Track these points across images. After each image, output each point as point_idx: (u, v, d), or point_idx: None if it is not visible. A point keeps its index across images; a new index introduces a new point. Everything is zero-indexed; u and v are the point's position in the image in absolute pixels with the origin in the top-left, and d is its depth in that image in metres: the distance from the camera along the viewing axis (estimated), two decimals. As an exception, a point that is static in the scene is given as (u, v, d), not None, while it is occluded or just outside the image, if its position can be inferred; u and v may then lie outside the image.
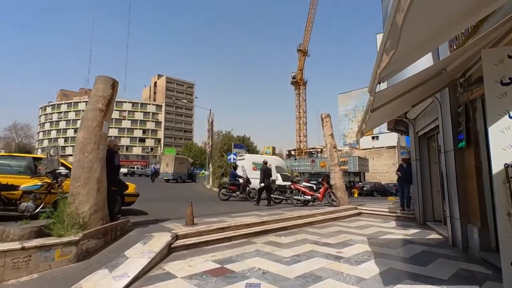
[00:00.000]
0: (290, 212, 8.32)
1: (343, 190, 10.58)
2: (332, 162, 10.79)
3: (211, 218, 6.92)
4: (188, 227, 5.74)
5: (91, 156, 4.81)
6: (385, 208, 9.95)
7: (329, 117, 11.20)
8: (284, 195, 11.14)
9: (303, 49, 60.19)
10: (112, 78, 5.41)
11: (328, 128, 11.05)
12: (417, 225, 7.56)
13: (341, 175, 10.80)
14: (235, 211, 8.43)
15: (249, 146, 56.96)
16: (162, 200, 11.29)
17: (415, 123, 7.85)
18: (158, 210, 8.23)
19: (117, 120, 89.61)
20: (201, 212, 8.10)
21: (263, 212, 8.26)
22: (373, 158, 38.18)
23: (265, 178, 9.96)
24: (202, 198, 13.21)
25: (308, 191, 9.95)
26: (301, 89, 66.38)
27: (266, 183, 9.99)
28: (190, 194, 15.77)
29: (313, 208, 9.39)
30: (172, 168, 25.89)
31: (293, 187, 10.39)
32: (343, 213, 9.02)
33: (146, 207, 8.62)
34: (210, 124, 22.77)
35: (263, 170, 10.19)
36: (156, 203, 9.98)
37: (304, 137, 64.98)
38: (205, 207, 9.46)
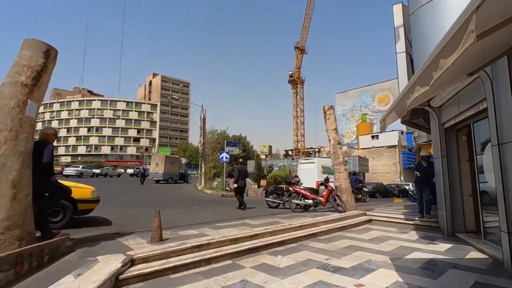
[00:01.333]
0: (289, 220, 6.89)
1: (349, 192, 9.18)
2: (336, 160, 9.38)
3: (188, 230, 5.47)
4: (152, 246, 4.30)
5: (4, 149, 3.35)
6: (399, 214, 8.56)
7: (333, 109, 9.81)
8: (281, 198, 9.72)
9: (300, 47, 58.94)
10: (47, 44, 3.96)
11: (332, 122, 9.65)
12: (444, 237, 6.16)
13: (347, 175, 9.40)
14: (222, 219, 6.99)
15: (245, 145, 55.49)
16: (141, 205, 9.82)
17: (440, 113, 6.46)
18: (129, 219, 6.77)
19: (111, 120, 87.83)
20: (180, 220, 6.67)
21: (255, 220, 6.82)
22: (373, 158, 36.90)
23: (240, 179, 9.30)
24: (189, 202, 11.78)
25: (309, 194, 8.53)
26: (299, 88, 65.22)
27: (240, 183, 9.29)
28: (177, 197, 14.30)
29: (316, 215, 7.97)
30: (162, 168, 24.34)
31: (292, 190, 8.97)
32: (351, 221, 7.61)
33: (115, 215, 7.16)
34: (202, 121, 21.30)
35: (239, 170, 9.46)
36: (130, 209, 8.53)
37: (302, 136, 63.77)
38: (187, 213, 8.00)
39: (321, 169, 15.22)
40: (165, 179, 24.79)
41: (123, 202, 10.28)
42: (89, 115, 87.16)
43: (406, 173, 37.22)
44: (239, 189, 9.48)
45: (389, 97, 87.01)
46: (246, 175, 10.06)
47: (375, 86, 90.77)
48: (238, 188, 9.47)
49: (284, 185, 14.51)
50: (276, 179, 17.69)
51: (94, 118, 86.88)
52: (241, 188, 9.56)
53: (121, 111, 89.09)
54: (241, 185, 9.48)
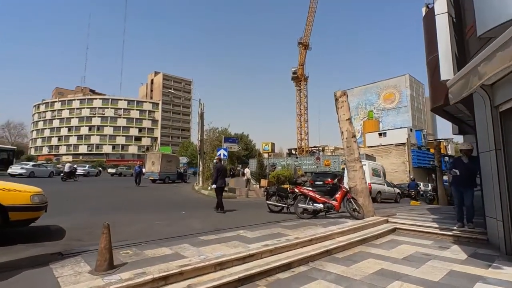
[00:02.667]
0: (295, 230, 5.43)
1: (366, 195, 7.69)
2: (351, 156, 7.89)
3: (161, 249, 4.03)
4: (92, 279, 2.86)
5: None
6: (429, 221, 7.05)
7: (346, 96, 8.31)
8: (285, 201, 8.24)
9: (304, 42, 57.24)
10: None
11: (345, 111, 8.15)
12: (501, 255, 4.66)
13: (363, 174, 7.91)
14: (211, 229, 5.56)
15: (247, 144, 54.22)
16: (119, 209, 8.38)
17: (493, 92, 4.94)
18: (90, 229, 5.34)
19: (113, 119, 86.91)
20: (157, 232, 5.25)
21: (253, 231, 5.36)
22: (381, 157, 35.19)
23: (219, 178, 8.60)
24: (179, 205, 10.36)
25: (319, 197, 7.04)
26: (302, 85, 63.52)
27: (219, 183, 8.62)
28: (168, 198, 12.87)
29: (328, 223, 6.49)
30: (158, 167, 22.91)
31: (298, 191, 7.48)
32: (373, 231, 6.12)
33: (78, 223, 5.82)
34: (200, 116, 19.88)
35: (217, 169, 8.75)
36: (103, 215, 7.12)
37: (306, 135, 62.07)
38: (169, 221, 6.56)
39: (371, 171, 14.77)
40: (161, 179, 23.41)
41: (99, 206, 8.88)
42: (90, 114, 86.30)
43: (416, 172, 35.51)
44: (218, 190, 8.65)
45: (395, 95, 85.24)
46: (225, 175, 9.29)
47: (380, 83, 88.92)
48: (217, 188, 8.62)
49: (288, 186, 13.07)
50: (279, 178, 16.21)
51: (95, 117, 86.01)
52: (220, 189, 8.76)
53: (122, 109, 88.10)
54: (220, 185, 8.71)
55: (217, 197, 8.65)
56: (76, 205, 8.83)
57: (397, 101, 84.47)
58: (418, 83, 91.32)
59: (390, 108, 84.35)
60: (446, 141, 47.26)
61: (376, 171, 15.55)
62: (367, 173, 14.43)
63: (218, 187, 8.63)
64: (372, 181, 14.44)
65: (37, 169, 24.90)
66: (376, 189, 14.55)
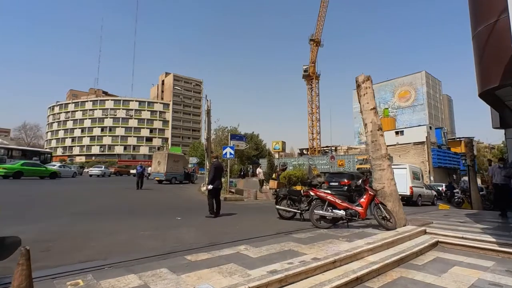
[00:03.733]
0: (311, 247, 4.20)
1: (396, 199, 6.37)
2: (377, 152, 6.58)
3: (125, 277, 2.89)
4: None
5: None
6: (479, 233, 5.66)
7: (370, 81, 7.00)
8: (297, 206, 7.00)
9: (315, 39, 55.57)
10: None
11: (369, 98, 6.85)
12: None
13: (392, 174, 6.58)
14: (205, 243, 4.40)
15: (257, 144, 52.92)
16: (105, 215, 7.32)
17: None
18: (57, 243, 4.30)
19: (124, 120, 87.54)
20: (135, 246, 4.15)
21: (257, 247, 4.17)
22: (399, 156, 33.28)
23: (216, 178, 7.55)
24: (177, 209, 9.25)
25: (341, 202, 5.77)
26: (314, 83, 61.82)
27: (216, 184, 7.54)
28: (168, 201, 11.81)
29: (352, 234, 5.23)
30: (164, 167, 22.00)
31: (314, 195, 6.23)
32: (410, 246, 4.82)
33: (49, 231, 4.77)
34: (207, 113, 18.83)
35: (215, 167, 7.62)
36: (80, 222, 6.09)
37: (318, 134, 60.30)
38: (158, 231, 5.43)
39: (411, 175, 14.59)
40: (168, 179, 22.51)
41: (86, 210, 7.85)
42: (103, 115, 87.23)
43: (436, 172, 33.43)
44: (214, 192, 7.54)
45: (410, 92, 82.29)
46: (221, 175, 8.14)
47: (395, 81, 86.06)
48: (214, 190, 7.51)
49: (301, 188, 11.82)
50: (290, 179, 14.92)
51: (108, 118, 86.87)
52: (217, 190, 7.67)
53: (133, 110, 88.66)
54: (217, 186, 7.61)
55: (210, 200, 7.46)
56: (62, 209, 7.88)
57: (412, 99, 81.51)
58: (435, 80, 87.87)
59: (405, 106, 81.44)
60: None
61: (416, 174, 15.30)
62: (408, 177, 14.53)
63: (216, 188, 7.50)
64: (414, 185, 14.34)
65: (63, 170, 26.04)
66: (417, 193, 14.48)
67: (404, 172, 14.54)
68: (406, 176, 14.34)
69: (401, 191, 12.28)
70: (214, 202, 7.49)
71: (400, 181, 13.79)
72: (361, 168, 29.82)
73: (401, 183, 12.98)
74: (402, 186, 13.48)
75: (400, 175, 14.36)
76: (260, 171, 18.56)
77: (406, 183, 14.12)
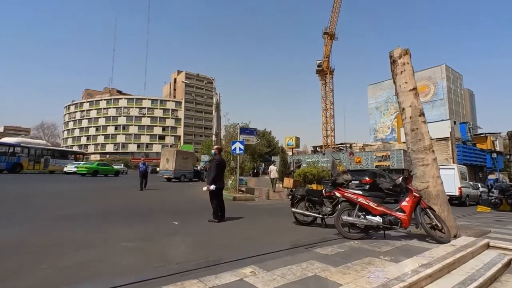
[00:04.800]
0: (344, 272, 2.99)
1: (444, 201, 5.06)
2: (418, 144, 5.28)
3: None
4: None
5: None
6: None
7: (409, 55, 5.67)
8: (318, 209, 5.77)
9: (330, 32, 53.63)
10: None
11: (407, 77, 5.54)
12: None
13: (438, 171, 5.26)
14: (201, 264, 3.27)
15: (270, 141, 51.73)
16: (89, 219, 6.32)
17: None
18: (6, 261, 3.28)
19: (137, 118, 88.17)
20: (106, 266, 3.05)
21: (267, 269, 3.00)
22: (421, 152, 31.31)
23: (218, 177, 6.31)
24: (178, 210, 8.14)
25: (376, 206, 4.51)
26: (328, 78, 59.94)
27: (219, 184, 6.33)
28: (170, 202, 10.78)
29: (394, 248, 3.98)
30: (173, 164, 21.16)
31: (340, 196, 4.99)
32: (478, 269, 3.53)
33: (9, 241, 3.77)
34: (216, 107, 17.80)
35: (217, 163, 6.34)
36: (60, 229, 5.10)
37: (332, 131, 58.46)
38: (144, 240, 4.33)
39: (460, 175, 14.46)
40: (176, 177, 21.66)
41: (69, 212, 6.85)
42: (116, 114, 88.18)
43: (461, 170, 31.19)
44: (217, 193, 6.31)
45: (429, 87, 78.80)
46: (222, 172, 6.86)
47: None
48: (216, 190, 6.29)
49: (317, 187, 10.55)
50: (306, 176, 13.65)
51: (121, 116, 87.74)
52: (219, 191, 6.42)
53: (146, 109, 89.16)
54: (220, 186, 6.43)
55: (212, 202, 6.29)
56: (49, 209, 6.97)
57: (431, 94, 78.03)
58: (456, 73, 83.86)
59: (424, 101, 77.38)
60: (493, 136, 42.01)
61: (463, 174, 15.20)
62: (456, 177, 14.30)
63: (218, 188, 6.33)
64: (462, 185, 14.27)
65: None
66: (465, 193, 14.47)
67: (453, 173, 14.53)
68: (454, 177, 14.29)
69: (450, 191, 12.41)
70: (222, 203, 6.38)
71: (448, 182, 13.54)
72: (380, 165, 28.12)
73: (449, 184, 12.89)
74: (451, 186, 13.42)
75: (448, 175, 14.62)
76: (273, 168, 17.30)
77: (454, 184, 14.06)
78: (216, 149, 6.79)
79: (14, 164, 23.39)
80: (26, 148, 25.39)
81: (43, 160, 26.28)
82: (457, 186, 14.12)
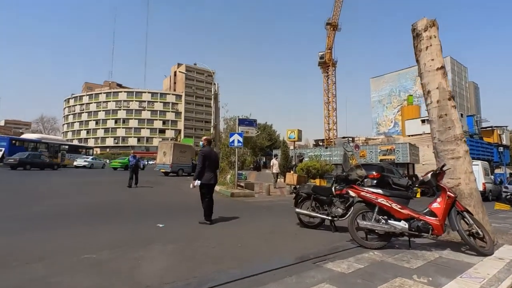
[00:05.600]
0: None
1: (479, 202, 4.23)
2: (447, 133, 4.43)
3: None
4: None
5: None
6: None
7: (436, 28, 4.75)
8: (326, 209, 4.93)
9: (333, 23, 52.15)
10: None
11: (434, 53, 4.64)
12: None
13: (470, 166, 4.41)
14: (184, 280, 2.44)
15: (271, 134, 50.75)
16: (58, 219, 5.52)
17: None
18: None
19: (137, 111, 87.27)
20: None
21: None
22: (427, 146, 30.26)
23: (208, 170, 5.38)
24: (168, 209, 7.32)
25: (400, 208, 3.64)
26: (330, 71, 58.60)
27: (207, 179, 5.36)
28: (162, 199, 9.99)
29: (426, 263, 3.15)
30: (170, 158, 20.35)
31: (355, 195, 4.14)
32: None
33: None
34: (214, 98, 16.90)
35: (203, 156, 5.38)
36: (15, 235, 4.30)
37: (334, 124, 57.39)
38: (114, 251, 3.49)
39: (483, 171, 14.62)
40: (174, 171, 20.88)
41: (41, 211, 6.08)
42: (116, 107, 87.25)
43: (467, 164, 30.24)
44: (206, 189, 5.42)
45: (434, 80, 77.26)
46: (216, 166, 5.98)
47: (416, 67, 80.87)
48: (205, 187, 5.39)
49: (325, 182, 9.72)
50: (309, 171, 12.81)
51: (121, 110, 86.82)
52: (209, 187, 5.48)
53: (146, 102, 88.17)
54: (207, 181, 5.38)
55: (203, 201, 5.46)
56: (17, 208, 6.17)
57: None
58: (461, 66, 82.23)
59: (428, 95, 76.57)
60: (500, 129, 40.94)
61: (486, 170, 15.24)
62: (480, 173, 14.16)
63: (205, 184, 5.39)
64: (486, 181, 14.31)
65: (95, 162, 29.41)
66: (489, 189, 14.50)
67: (477, 169, 14.45)
68: (479, 173, 14.16)
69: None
70: (211, 202, 5.55)
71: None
72: (385, 159, 27.24)
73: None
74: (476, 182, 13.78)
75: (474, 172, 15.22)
76: (275, 163, 16.34)
77: (479, 180, 13.99)
78: (204, 140, 5.94)
79: None
80: (46, 143, 27.72)
81: (60, 154, 28.56)
82: (481, 182, 13.99)
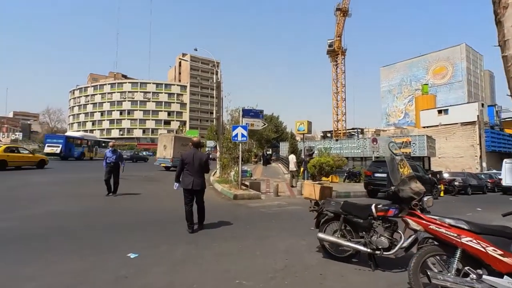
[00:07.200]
0: None
1: None
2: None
3: None
4: None
5: None
6: None
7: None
8: (361, 236, 3.50)
9: (343, 8, 49.62)
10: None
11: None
12: None
13: None
14: None
15: (277, 126, 49.21)
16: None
17: None
18: None
19: (142, 102, 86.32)
20: None
21: None
22: (446, 138, 28.48)
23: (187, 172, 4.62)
24: (152, 223, 5.84)
25: (502, 256, 2.22)
26: (339, 59, 56.30)
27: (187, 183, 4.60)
28: (151, 204, 8.72)
29: None
30: (171, 151, 19.11)
31: (420, 227, 2.59)
32: None
33: None
34: (216, 86, 15.45)
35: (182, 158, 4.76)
36: None
37: (343, 115, 55.46)
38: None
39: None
40: (175, 166, 19.63)
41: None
42: (121, 98, 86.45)
43: (487, 157, 28.42)
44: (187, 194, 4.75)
45: (447, 68, 74.03)
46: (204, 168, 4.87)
47: (429, 56, 77.71)
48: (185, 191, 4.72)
49: (337, 178, 8.29)
50: (322, 168, 11.32)
51: (126, 101, 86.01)
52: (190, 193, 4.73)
53: (151, 93, 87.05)
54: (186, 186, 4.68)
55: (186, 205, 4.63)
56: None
57: (449, 76, 73.26)
58: (476, 53, 78.46)
59: (441, 84, 73.43)
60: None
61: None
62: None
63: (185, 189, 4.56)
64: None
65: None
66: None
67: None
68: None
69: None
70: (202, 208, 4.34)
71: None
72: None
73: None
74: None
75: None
76: (293, 158, 13.59)
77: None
78: (191, 143, 4.72)
79: (81, 153, 30.20)
80: (86, 140, 32.09)
81: (95, 149, 32.67)
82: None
